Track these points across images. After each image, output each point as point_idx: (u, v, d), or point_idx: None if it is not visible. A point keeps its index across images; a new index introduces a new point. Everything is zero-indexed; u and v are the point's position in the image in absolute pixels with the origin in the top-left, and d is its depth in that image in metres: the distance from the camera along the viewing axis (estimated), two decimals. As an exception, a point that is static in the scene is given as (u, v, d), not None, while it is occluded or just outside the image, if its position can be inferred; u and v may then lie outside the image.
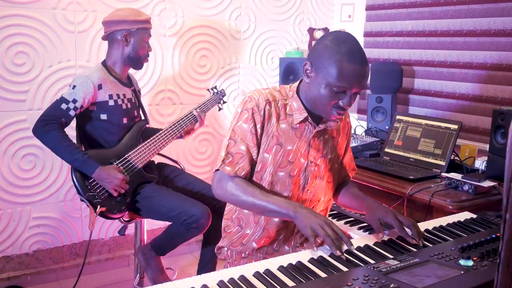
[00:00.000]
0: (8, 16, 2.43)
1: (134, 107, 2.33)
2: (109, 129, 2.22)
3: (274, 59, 3.35)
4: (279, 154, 1.50)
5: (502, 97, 2.49)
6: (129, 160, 2.20)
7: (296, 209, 1.37)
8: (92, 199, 2.09)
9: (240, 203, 1.48)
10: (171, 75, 2.97)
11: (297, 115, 1.50)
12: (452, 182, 2.05)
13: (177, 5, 2.91)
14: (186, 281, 1.11)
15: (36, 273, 2.69)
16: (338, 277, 1.13)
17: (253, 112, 1.46)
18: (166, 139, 2.32)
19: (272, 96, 1.50)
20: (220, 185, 1.47)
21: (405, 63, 2.98)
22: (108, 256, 2.92)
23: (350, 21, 3.42)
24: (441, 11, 2.78)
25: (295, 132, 1.51)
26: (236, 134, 1.48)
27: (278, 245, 1.59)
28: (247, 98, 1.49)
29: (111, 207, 2.13)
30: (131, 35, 2.21)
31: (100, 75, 2.16)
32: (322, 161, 1.57)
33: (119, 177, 2.09)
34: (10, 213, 2.59)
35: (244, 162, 1.47)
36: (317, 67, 1.41)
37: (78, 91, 2.09)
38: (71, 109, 2.08)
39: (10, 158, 2.55)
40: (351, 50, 1.37)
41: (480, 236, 1.39)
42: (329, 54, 1.38)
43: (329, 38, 1.42)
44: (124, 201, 2.17)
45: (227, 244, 1.63)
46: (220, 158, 1.48)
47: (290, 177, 1.52)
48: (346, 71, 1.35)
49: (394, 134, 2.56)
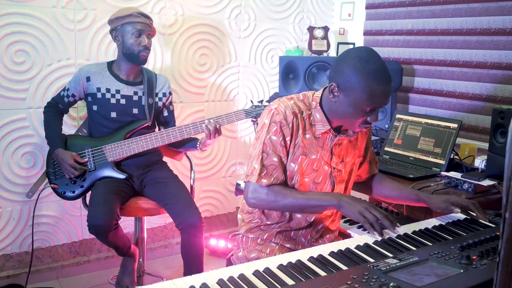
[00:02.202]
0: (8, 14, 2.43)
1: (133, 104, 2.34)
2: (99, 121, 2.35)
3: (274, 58, 3.35)
4: (305, 163, 1.53)
5: (502, 96, 2.49)
6: (102, 151, 2.30)
7: (339, 198, 1.43)
8: (50, 175, 2.34)
9: (280, 207, 1.52)
10: (171, 73, 2.97)
11: (319, 126, 1.53)
12: (452, 181, 2.05)
13: (177, 4, 2.91)
14: (186, 280, 1.11)
15: (35, 272, 2.69)
16: (338, 275, 1.13)
17: (281, 125, 1.49)
18: (148, 144, 2.28)
19: (297, 108, 1.52)
20: (255, 195, 1.50)
21: (405, 62, 2.98)
22: (107, 254, 2.92)
23: (350, 20, 3.41)
24: (441, 10, 2.77)
25: (317, 142, 1.54)
26: (267, 146, 1.50)
27: (296, 234, 1.62)
28: (274, 110, 1.51)
29: (62, 187, 2.32)
30: (118, 32, 2.31)
31: (91, 68, 2.33)
32: (343, 166, 1.62)
33: (68, 162, 2.25)
34: (10, 211, 2.59)
35: (278, 172, 1.51)
36: (345, 89, 1.43)
37: (71, 81, 2.35)
38: (65, 96, 2.36)
39: (10, 156, 2.55)
40: (378, 70, 1.39)
41: (480, 235, 1.39)
42: (358, 77, 1.39)
43: (353, 58, 1.41)
44: (77, 185, 2.32)
45: (244, 232, 1.67)
46: (255, 171, 1.49)
47: (314, 183, 1.56)
48: (376, 93, 1.39)
49: (393, 133, 2.56)
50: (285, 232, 1.62)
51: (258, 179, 1.49)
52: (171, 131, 2.30)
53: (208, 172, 3.20)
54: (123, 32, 2.28)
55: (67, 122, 2.60)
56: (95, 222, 2.07)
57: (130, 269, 2.36)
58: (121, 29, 2.28)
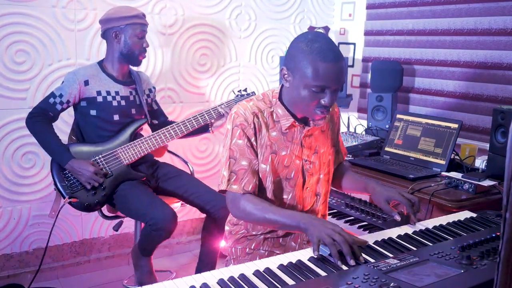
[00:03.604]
0: (8, 14, 2.43)
1: (131, 105, 2.33)
2: (100, 125, 2.26)
3: (274, 58, 3.35)
4: (275, 161, 1.51)
5: (503, 96, 2.49)
6: (115, 155, 2.23)
7: (306, 220, 1.35)
8: (65, 189, 2.17)
9: (255, 221, 1.49)
10: (171, 73, 2.97)
11: (284, 121, 1.51)
12: (452, 181, 2.05)
13: (177, 3, 2.91)
14: (186, 280, 1.11)
15: (35, 271, 2.69)
16: (338, 275, 1.13)
17: (242, 128, 1.47)
18: (159, 141, 2.30)
19: (257, 108, 1.51)
20: (235, 206, 1.48)
21: (406, 62, 2.98)
22: (108, 254, 2.92)
23: (351, 20, 3.41)
24: (442, 10, 2.77)
25: (286, 137, 1.53)
26: (234, 152, 1.48)
27: (285, 240, 1.60)
28: (234, 114, 1.50)
29: (84, 199, 2.18)
30: (121, 32, 2.23)
31: (87, 72, 2.22)
32: (316, 157, 1.59)
33: (90, 170, 2.14)
34: (10, 211, 2.59)
35: (249, 176, 1.47)
36: (293, 70, 1.42)
37: (64, 87, 2.19)
38: (57, 103, 2.19)
39: (10, 156, 2.55)
40: (323, 48, 1.38)
41: (480, 235, 1.39)
42: (302, 56, 1.39)
43: (300, 40, 1.43)
44: (100, 195, 2.20)
45: (232, 244, 1.64)
46: (224, 179, 1.48)
47: (287, 180, 1.54)
48: (321, 70, 1.37)
49: (394, 133, 2.56)
50: (273, 239, 1.59)
51: (227, 186, 1.46)
52: (181, 123, 2.33)
53: (208, 172, 3.20)
54: (127, 32, 2.23)
55: (62, 129, 2.57)
56: (166, 222, 2.08)
57: (149, 268, 2.31)
58: (125, 28, 2.22)
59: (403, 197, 1.50)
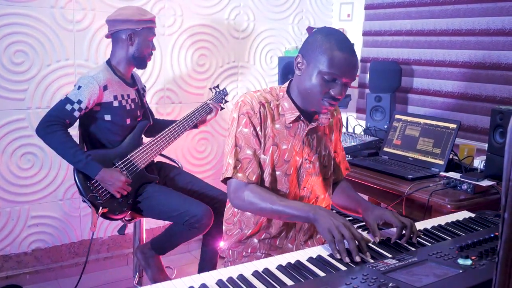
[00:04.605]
0: (7, 15, 2.43)
1: (137, 107, 2.31)
2: (112, 130, 2.20)
3: (273, 58, 3.35)
4: (276, 154, 1.51)
5: (501, 97, 2.49)
6: (131, 161, 2.20)
7: (315, 210, 1.35)
8: (94, 200, 2.08)
9: (258, 211, 1.47)
10: (170, 74, 2.97)
11: (289, 114, 1.52)
12: (451, 181, 2.05)
13: (176, 4, 2.91)
14: (185, 280, 1.11)
15: (34, 272, 2.69)
16: (337, 276, 1.13)
17: (249, 116, 1.47)
18: (168, 140, 2.32)
19: (264, 98, 1.52)
20: (237, 195, 1.46)
21: (404, 62, 2.98)
22: (107, 255, 2.92)
23: (349, 20, 3.42)
24: (440, 11, 2.78)
25: (289, 131, 1.53)
26: (240, 140, 1.48)
27: (281, 243, 1.59)
28: (241, 102, 1.50)
29: (113, 208, 2.13)
30: (136, 35, 2.17)
31: (106, 76, 2.13)
32: (316, 158, 1.59)
33: (121, 179, 2.09)
34: (9, 212, 2.59)
35: (253, 165, 1.47)
36: (308, 58, 1.45)
37: (83, 92, 2.06)
38: (75, 110, 2.05)
39: (9, 157, 2.55)
40: (341, 39, 1.43)
41: (479, 235, 1.39)
42: (319, 43, 1.42)
43: (319, 31, 1.47)
44: (126, 202, 2.17)
45: (229, 246, 1.63)
46: (229, 166, 1.47)
47: (286, 175, 1.53)
48: (337, 59, 1.39)
49: (393, 133, 2.56)
50: (268, 241, 1.58)
51: (233, 173, 1.45)
52: (175, 126, 2.34)
53: (204, 173, 3.20)
54: (142, 35, 2.18)
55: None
56: (207, 218, 2.10)
57: (161, 266, 2.30)
58: (141, 31, 2.17)
59: (396, 219, 1.39)
